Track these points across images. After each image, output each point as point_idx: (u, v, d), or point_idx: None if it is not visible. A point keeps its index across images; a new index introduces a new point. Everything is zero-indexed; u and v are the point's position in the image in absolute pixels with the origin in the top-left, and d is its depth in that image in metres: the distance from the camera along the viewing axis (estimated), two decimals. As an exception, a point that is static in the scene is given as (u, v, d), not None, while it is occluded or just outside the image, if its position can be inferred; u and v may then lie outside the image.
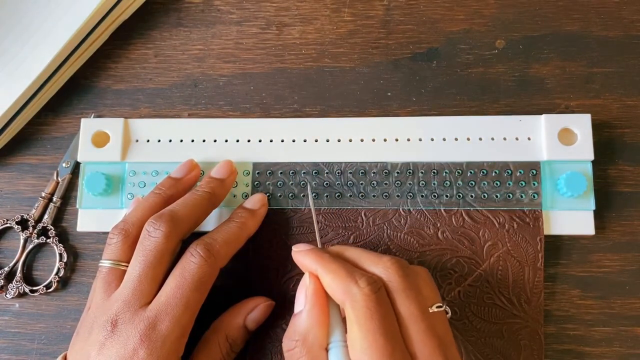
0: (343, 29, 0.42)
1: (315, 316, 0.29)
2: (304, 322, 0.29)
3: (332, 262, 0.29)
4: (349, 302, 0.27)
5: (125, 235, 0.32)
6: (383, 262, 0.29)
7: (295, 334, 0.29)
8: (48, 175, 0.40)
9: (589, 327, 0.36)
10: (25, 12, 0.39)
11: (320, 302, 0.29)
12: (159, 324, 0.30)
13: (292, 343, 0.28)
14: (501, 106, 0.40)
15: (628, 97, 0.39)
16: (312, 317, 0.29)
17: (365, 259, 0.30)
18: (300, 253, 0.31)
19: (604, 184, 0.38)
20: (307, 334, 0.28)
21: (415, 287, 0.29)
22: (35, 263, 0.39)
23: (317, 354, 0.28)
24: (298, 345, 0.28)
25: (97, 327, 0.30)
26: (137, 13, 0.42)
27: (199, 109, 0.41)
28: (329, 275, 0.29)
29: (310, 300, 0.29)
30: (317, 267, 0.29)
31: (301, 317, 0.29)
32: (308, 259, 0.30)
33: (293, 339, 0.28)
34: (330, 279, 0.28)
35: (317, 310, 0.29)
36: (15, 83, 0.38)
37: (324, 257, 0.30)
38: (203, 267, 0.31)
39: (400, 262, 0.29)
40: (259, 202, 0.36)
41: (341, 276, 0.28)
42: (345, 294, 0.28)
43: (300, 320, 0.29)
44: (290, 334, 0.29)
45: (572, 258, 0.37)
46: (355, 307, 0.27)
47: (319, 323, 0.28)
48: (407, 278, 0.29)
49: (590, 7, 0.41)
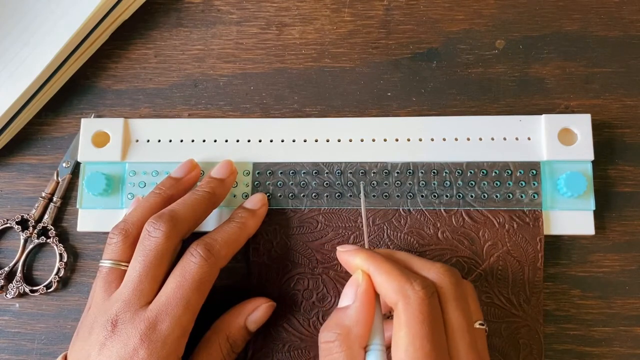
0: (343, 29, 0.42)
1: (362, 314, 0.28)
2: (350, 318, 0.28)
3: (385, 262, 0.29)
4: (402, 303, 0.27)
5: (126, 235, 0.32)
6: (436, 267, 0.29)
7: (338, 327, 0.28)
8: (48, 175, 0.40)
9: (588, 327, 0.36)
10: (25, 12, 0.39)
11: (370, 301, 0.28)
12: (159, 324, 0.30)
13: (333, 335, 0.27)
14: (501, 106, 0.40)
15: (628, 97, 0.39)
16: (359, 314, 0.28)
17: (417, 262, 0.30)
18: (348, 252, 0.30)
19: (604, 184, 0.38)
20: (350, 329, 0.27)
21: (465, 298, 0.29)
22: (35, 263, 0.39)
23: (357, 353, 0.27)
24: (339, 339, 0.27)
25: (97, 327, 0.30)
26: (137, 13, 0.42)
27: (199, 109, 0.41)
28: (383, 275, 0.28)
29: (360, 298, 0.28)
30: (369, 266, 0.29)
31: (347, 312, 0.28)
32: (359, 258, 0.29)
33: (334, 332, 0.28)
34: (384, 278, 0.28)
35: (365, 309, 0.28)
36: (15, 83, 0.38)
37: (377, 257, 0.29)
38: (203, 267, 0.31)
39: (453, 270, 0.29)
40: (259, 202, 0.36)
41: (395, 276, 0.28)
42: (399, 294, 0.27)
43: (345, 314, 0.28)
44: (332, 326, 0.28)
45: (572, 258, 0.37)
46: (408, 309, 0.27)
47: (365, 321, 0.28)
48: (459, 288, 0.29)
49: (590, 7, 0.41)
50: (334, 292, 0.36)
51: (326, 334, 0.28)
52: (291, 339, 0.35)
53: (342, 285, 0.36)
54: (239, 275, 0.37)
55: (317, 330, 0.35)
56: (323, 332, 0.28)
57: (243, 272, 0.38)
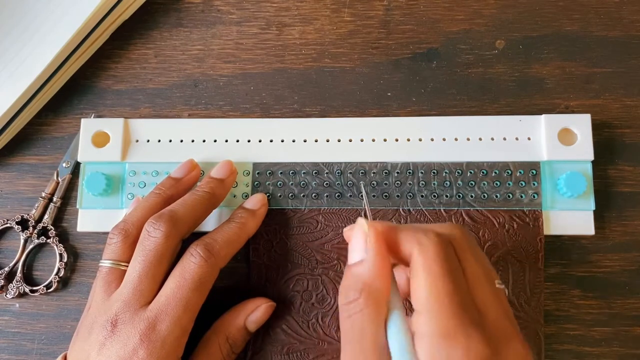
0: (343, 29, 0.42)
1: (379, 264, 0.26)
2: (368, 271, 0.26)
3: (394, 224, 0.27)
4: (418, 249, 0.25)
5: (125, 235, 0.32)
6: (449, 223, 0.28)
7: (359, 283, 0.25)
8: (48, 176, 0.40)
9: (588, 327, 0.36)
10: (25, 12, 0.39)
11: (383, 250, 0.26)
12: (159, 324, 0.30)
13: (356, 294, 0.25)
14: (501, 106, 0.40)
15: (628, 97, 0.39)
16: (376, 265, 0.26)
17: (426, 224, 0.29)
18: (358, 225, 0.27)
19: (603, 184, 0.38)
20: (371, 283, 0.25)
21: (481, 252, 0.28)
22: (35, 263, 0.39)
23: (383, 307, 0.25)
24: (363, 295, 0.25)
25: (97, 327, 0.30)
26: (137, 13, 0.42)
27: (199, 109, 0.41)
28: (394, 230, 0.27)
29: (372, 248, 0.26)
30: (379, 226, 0.27)
31: (363, 265, 0.26)
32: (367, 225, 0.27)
33: (356, 289, 0.25)
34: (396, 232, 0.26)
35: (380, 259, 0.26)
36: (15, 83, 0.38)
37: (385, 222, 0.28)
38: (203, 267, 0.31)
39: (464, 227, 0.28)
40: (259, 202, 0.36)
41: (408, 229, 0.26)
42: (413, 242, 0.25)
43: (361, 269, 0.26)
44: (352, 284, 0.26)
45: (572, 258, 0.37)
46: (425, 253, 0.25)
47: (383, 273, 0.26)
48: (473, 241, 0.28)
49: (590, 7, 0.41)
50: (333, 293, 0.36)
51: (348, 293, 0.26)
52: (290, 342, 0.35)
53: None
54: (238, 275, 0.37)
55: (316, 332, 0.35)
56: (343, 293, 0.26)
57: (243, 272, 0.38)
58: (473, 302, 0.25)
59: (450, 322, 0.24)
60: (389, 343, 0.24)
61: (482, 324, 0.24)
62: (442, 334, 0.23)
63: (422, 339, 0.24)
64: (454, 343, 0.23)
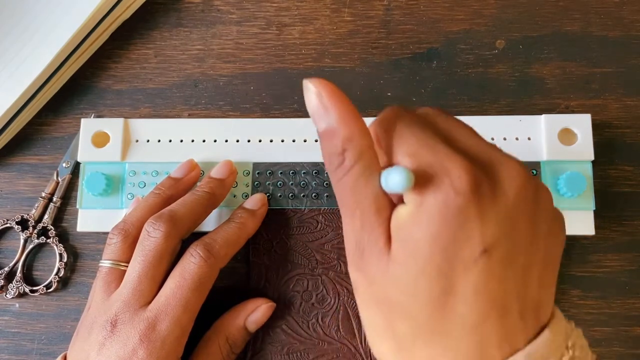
0: (343, 29, 0.42)
1: (347, 120, 0.23)
2: (340, 132, 0.23)
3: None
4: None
5: (125, 236, 0.32)
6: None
7: (337, 146, 0.23)
8: (48, 175, 0.40)
9: (589, 327, 0.36)
10: (25, 12, 0.39)
11: (344, 104, 0.23)
12: (159, 324, 0.30)
13: (339, 157, 0.23)
14: (501, 106, 0.40)
15: (628, 97, 0.39)
16: (345, 124, 0.22)
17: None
18: (305, 90, 0.23)
19: (604, 184, 0.38)
20: (349, 141, 0.23)
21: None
22: (35, 263, 0.39)
23: (370, 160, 0.23)
24: (347, 156, 0.23)
25: (96, 327, 0.30)
26: (137, 13, 0.42)
27: (199, 109, 0.41)
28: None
29: (332, 107, 0.23)
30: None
31: (332, 130, 0.23)
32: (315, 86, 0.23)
33: (337, 153, 0.23)
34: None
35: (345, 113, 0.23)
36: (15, 83, 0.38)
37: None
38: (203, 268, 0.31)
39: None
40: (259, 202, 0.36)
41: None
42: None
43: (332, 133, 0.23)
44: (331, 148, 0.23)
45: (572, 258, 0.37)
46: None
47: (356, 127, 0.23)
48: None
49: (590, 7, 0.41)
50: (333, 293, 0.36)
51: (331, 159, 0.23)
52: (290, 342, 0.35)
53: (342, 286, 0.36)
54: (238, 275, 0.37)
55: (316, 332, 0.35)
56: (327, 160, 0.24)
57: (243, 272, 0.37)
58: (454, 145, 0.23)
59: (429, 159, 0.22)
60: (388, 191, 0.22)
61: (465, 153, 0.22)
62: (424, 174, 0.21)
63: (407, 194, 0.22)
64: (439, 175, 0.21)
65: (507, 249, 0.22)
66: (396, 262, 0.22)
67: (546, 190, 0.24)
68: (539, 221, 0.23)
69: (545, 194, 0.24)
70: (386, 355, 0.24)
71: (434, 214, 0.21)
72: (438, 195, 0.21)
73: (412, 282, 0.22)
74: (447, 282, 0.21)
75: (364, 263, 0.23)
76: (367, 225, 0.23)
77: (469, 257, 0.21)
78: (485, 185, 0.21)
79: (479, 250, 0.21)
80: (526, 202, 0.22)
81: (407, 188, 0.21)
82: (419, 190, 0.21)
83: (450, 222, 0.21)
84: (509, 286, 0.22)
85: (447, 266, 0.21)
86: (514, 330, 0.22)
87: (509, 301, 0.22)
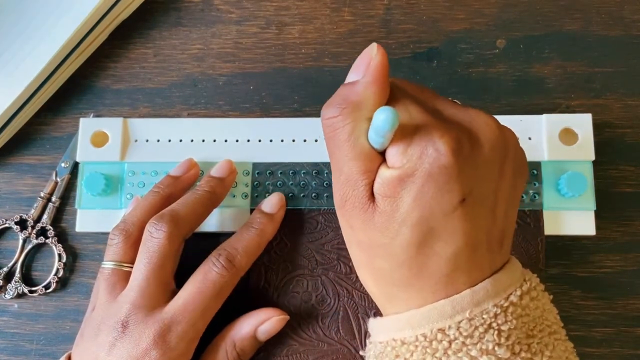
0: (343, 28, 0.41)
1: (372, 89, 0.25)
2: (357, 93, 0.25)
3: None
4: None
5: (126, 236, 0.32)
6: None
7: (344, 102, 0.25)
8: (47, 175, 0.40)
9: (589, 328, 0.36)
10: (24, 11, 0.39)
11: (382, 77, 0.25)
12: (175, 326, 0.30)
13: (336, 110, 0.25)
14: (502, 106, 0.39)
15: (629, 96, 0.39)
16: (367, 90, 0.25)
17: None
18: (369, 47, 0.27)
19: (604, 184, 0.38)
20: (358, 104, 0.25)
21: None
22: (34, 263, 0.39)
23: (363, 125, 0.25)
24: (344, 113, 0.25)
25: (105, 328, 0.30)
26: (137, 12, 0.42)
27: (198, 108, 0.41)
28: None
29: (372, 73, 0.25)
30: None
31: (355, 87, 0.26)
32: (376, 52, 0.26)
33: (338, 106, 0.25)
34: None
35: (378, 86, 0.25)
36: (14, 82, 0.38)
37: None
38: (225, 277, 0.31)
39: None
40: (277, 205, 0.36)
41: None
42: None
43: (352, 90, 0.26)
44: (337, 100, 0.26)
45: (573, 258, 0.37)
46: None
47: (374, 99, 0.25)
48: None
49: (591, 7, 0.41)
50: (333, 294, 0.36)
51: (329, 109, 0.26)
52: (290, 343, 0.35)
53: (342, 287, 0.36)
54: (238, 275, 0.37)
55: (316, 333, 0.35)
56: (325, 109, 0.26)
57: (243, 272, 0.37)
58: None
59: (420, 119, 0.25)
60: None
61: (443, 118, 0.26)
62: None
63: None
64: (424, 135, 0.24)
65: (480, 193, 0.25)
66: (381, 214, 0.25)
67: (512, 133, 0.27)
68: (507, 162, 0.26)
69: (512, 138, 0.27)
70: (368, 282, 0.28)
71: (419, 173, 0.24)
72: (424, 157, 0.24)
73: (395, 229, 0.25)
74: (428, 228, 0.24)
75: (346, 212, 0.26)
76: (352, 181, 0.26)
77: (448, 207, 0.24)
78: (466, 145, 0.25)
79: (457, 200, 0.24)
80: (499, 150, 0.26)
81: (393, 127, 0.23)
82: (404, 152, 0.24)
83: (435, 180, 0.24)
84: (480, 223, 0.25)
85: (429, 216, 0.24)
86: (481, 261, 0.25)
87: (479, 236, 0.25)
